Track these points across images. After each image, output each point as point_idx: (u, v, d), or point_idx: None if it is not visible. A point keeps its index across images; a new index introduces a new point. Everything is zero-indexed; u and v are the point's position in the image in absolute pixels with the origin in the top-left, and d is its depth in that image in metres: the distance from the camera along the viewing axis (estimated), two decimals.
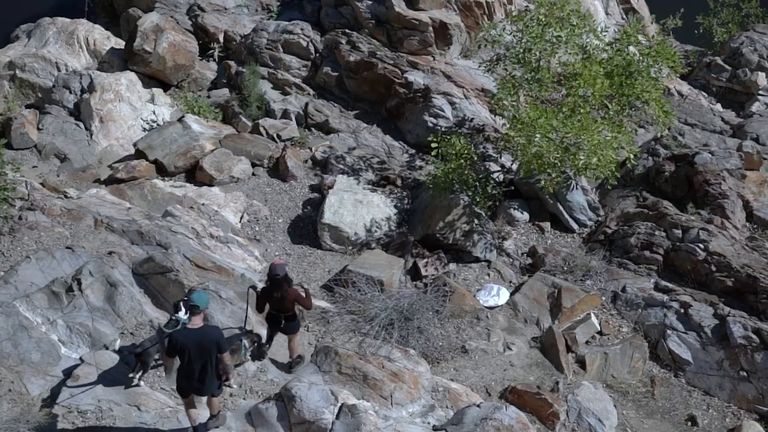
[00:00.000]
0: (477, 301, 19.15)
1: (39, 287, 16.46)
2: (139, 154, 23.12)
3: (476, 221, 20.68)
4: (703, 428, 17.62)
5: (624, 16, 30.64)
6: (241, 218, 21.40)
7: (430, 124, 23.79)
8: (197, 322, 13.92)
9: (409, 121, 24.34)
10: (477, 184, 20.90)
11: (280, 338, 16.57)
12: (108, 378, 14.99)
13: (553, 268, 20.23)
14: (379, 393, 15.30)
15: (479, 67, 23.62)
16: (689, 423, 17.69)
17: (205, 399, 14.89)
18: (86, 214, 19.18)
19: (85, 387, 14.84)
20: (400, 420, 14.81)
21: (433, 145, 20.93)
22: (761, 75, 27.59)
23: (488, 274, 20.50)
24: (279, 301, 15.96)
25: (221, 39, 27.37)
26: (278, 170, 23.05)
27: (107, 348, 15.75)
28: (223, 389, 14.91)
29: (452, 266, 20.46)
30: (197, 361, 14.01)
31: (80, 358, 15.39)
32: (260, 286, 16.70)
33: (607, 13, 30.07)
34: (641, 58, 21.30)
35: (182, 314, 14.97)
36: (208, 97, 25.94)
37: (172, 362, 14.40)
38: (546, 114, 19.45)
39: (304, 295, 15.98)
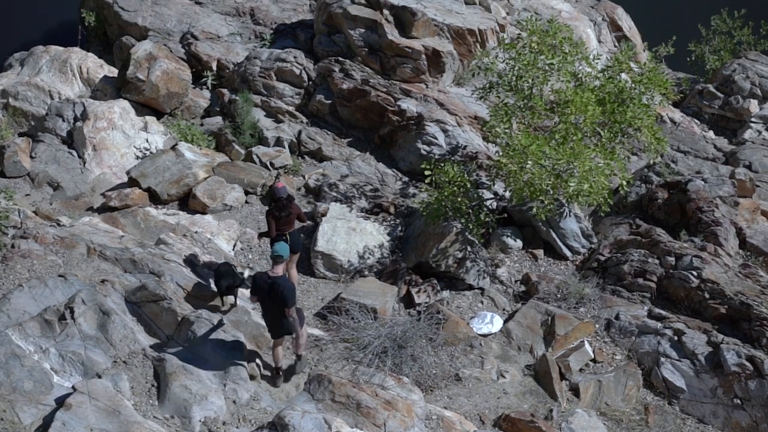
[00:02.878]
0: (470, 329, 19.11)
1: (31, 315, 16.39)
2: (132, 182, 23.10)
3: (469, 248, 20.68)
4: None
5: (616, 44, 30.77)
6: (234, 246, 21.36)
7: (423, 152, 23.82)
8: (277, 270, 16.14)
9: (402, 148, 24.38)
10: (470, 211, 20.90)
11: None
12: (101, 406, 14.93)
13: (547, 295, 20.21)
14: (372, 421, 15.26)
15: (472, 94, 23.69)
16: None
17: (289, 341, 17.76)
18: (79, 242, 19.15)
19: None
20: None
21: (427, 172, 20.93)
22: (753, 102, 27.70)
23: (482, 302, 20.47)
24: (285, 219, 18.94)
25: (214, 67, 27.41)
26: None
27: (100, 377, 15.70)
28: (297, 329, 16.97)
29: (445, 294, 20.42)
30: (269, 304, 16.33)
31: (73, 387, 15.31)
32: (247, 273, 19.57)
33: (599, 41, 30.21)
34: (633, 85, 21.37)
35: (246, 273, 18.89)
36: (201, 124, 25.96)
37: (255, 300, 16.61)
38: (538, 141, 19.50)
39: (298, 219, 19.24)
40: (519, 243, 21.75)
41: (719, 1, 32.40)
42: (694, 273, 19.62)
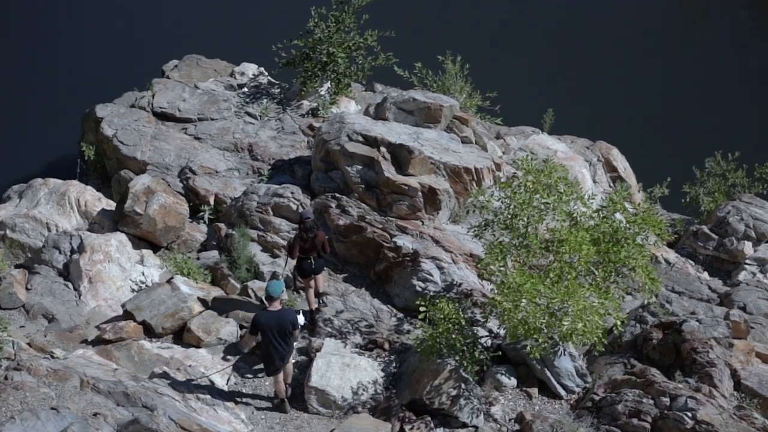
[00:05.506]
0: None
1: None
2: (127, 315, 23.08)
3: (464, 386, 20.58)
4: None
5: (611, 184, 31.01)
6: (228, 380, 21.27)
7: (419, 288, 23.86)
8: (276, 305, 18.80)
9: (397, 284, 24.42)
10: (465, 348, 20.85)
11: None
12: None
13: None
14: None
15: (468, 232, 23.81)
16: None
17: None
18: (72, 375, 19.07)
19: None
20: None
21: (422, 309, 20.92)
22: (748, 244, 27.85)
23: None
24: (311, 243, 21.38)
25: (212, 201, 27.61)
26: None
27: None
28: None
29: (439, 431, 20.29)
30: (277, 337, 18.87)
31: None
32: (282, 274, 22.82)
33: (594, 181, 30.47)
34: (628, 225, 21.51)
35: (300, 318, 19.78)
36: (198, 258, 26.05)
37: (253, 339, 19.62)
38: (532, 279, 19.56)
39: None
40: (513, 381, 21.66)
41: (713, 143, 32.76)
42: (689, 414, 19.49)
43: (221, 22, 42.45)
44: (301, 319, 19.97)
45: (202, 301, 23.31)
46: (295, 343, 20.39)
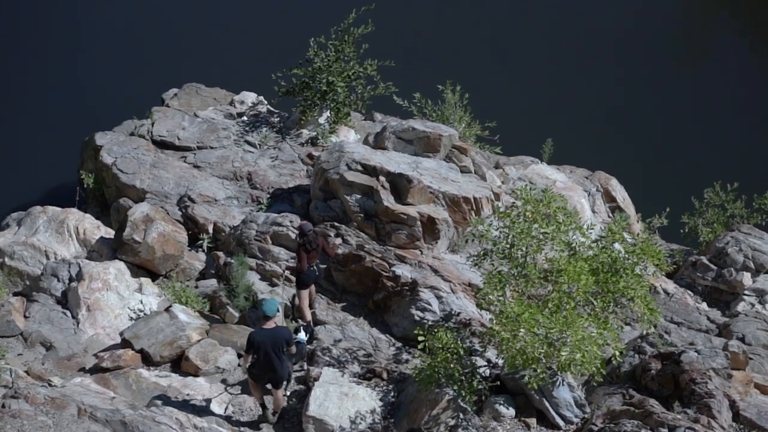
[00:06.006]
0: None
1: None
2: (125, 344, 23.06)
3: (462, 416, 20.53)
4: None
5: (610, 214, 31.02)
6: (225, 409, 21.23)
7: (417, 318, 23.84)
8: (270, 324, 19.26)
9: (396, 314, 24.40)
10: (463, 378, 20.81)
11: None
12: None
13: None
14: None
15: (466, 261, 23.82)
16: None
17: (273, 396, 20.55)
18: (70, 403, 19.03)
19: None
20: None
21: (420, 338, 20.90)
22: (747, 275, 27.84)
23: None
24: (314, 252, 22.50)
25: (210, 230, 27.60)
26: None
27: None
28: (290, 381, 21.35)
29: None
30: (272, 354, 19.23)
31: None
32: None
33: (593, 211, 30.49)
34: (627, 255, 21.51)
35: (301, 336, 21.80)
36: (196, 287, 26.03)
37: (249, 358, 19.44)
38: (531, 309, 19.55)
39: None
40: (512, 411, 21.59)
41: (712, 174, 32.80)
42: None
43: (221, 50, 42.52)
44: (303, 336, 20.39)
45: (200, 330, 23.29)
46: (294, 366, 21.14)
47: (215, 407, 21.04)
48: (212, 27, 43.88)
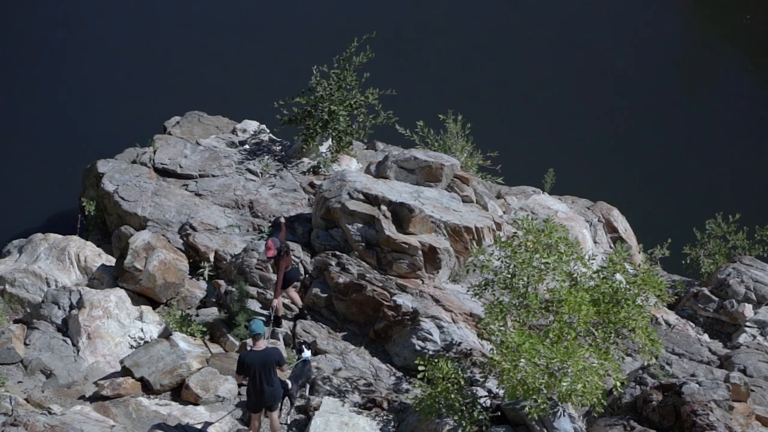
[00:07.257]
0: None
1: None
2: (126, 372, 23.01)
3: None
4: None
5: (611, 245, 31.01)
6: None
7: (418, 347, 23.79)
8: (260, 345, 19.70)
9: (396, 343, 24.35)
10: (463, 408, 20.74)
11: None
12: None
13: None
14: None
15: (467, 291, 23.78)
16: None
17: (270, 423, 20.55)
18: (69, 431, 18.99)
19: None
20: None
21: (421, 368, 20.87)
22: (748, 306, 27.79)
23: None
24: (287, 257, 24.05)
25: (212, 258, 27.58)
26: None
27: None
28: (293, 403, 21.79)
29: None
30: (262, 375, 19.47)
31: None
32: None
33: (594, 241, 30.48)
34: (628, 286, 21.49)
35: (306, 353, 22.21)
36: (197, 315, 25.98)
37: (241, 378, 20.12)
38: (531, 339, 19.51)
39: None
40: None
41: (714, 205, 32.78)
42: None
43: (223, 79, 42.57)
44: (308, 354, 22.26)
45: (201, 358, 23.25)
46: (295, 397, 21.58)
47: None
48: (215, 55, 43.92)
